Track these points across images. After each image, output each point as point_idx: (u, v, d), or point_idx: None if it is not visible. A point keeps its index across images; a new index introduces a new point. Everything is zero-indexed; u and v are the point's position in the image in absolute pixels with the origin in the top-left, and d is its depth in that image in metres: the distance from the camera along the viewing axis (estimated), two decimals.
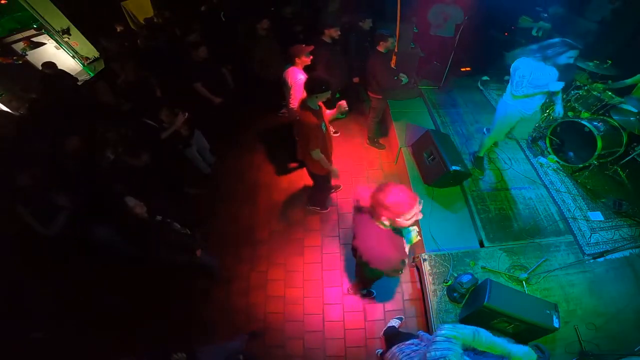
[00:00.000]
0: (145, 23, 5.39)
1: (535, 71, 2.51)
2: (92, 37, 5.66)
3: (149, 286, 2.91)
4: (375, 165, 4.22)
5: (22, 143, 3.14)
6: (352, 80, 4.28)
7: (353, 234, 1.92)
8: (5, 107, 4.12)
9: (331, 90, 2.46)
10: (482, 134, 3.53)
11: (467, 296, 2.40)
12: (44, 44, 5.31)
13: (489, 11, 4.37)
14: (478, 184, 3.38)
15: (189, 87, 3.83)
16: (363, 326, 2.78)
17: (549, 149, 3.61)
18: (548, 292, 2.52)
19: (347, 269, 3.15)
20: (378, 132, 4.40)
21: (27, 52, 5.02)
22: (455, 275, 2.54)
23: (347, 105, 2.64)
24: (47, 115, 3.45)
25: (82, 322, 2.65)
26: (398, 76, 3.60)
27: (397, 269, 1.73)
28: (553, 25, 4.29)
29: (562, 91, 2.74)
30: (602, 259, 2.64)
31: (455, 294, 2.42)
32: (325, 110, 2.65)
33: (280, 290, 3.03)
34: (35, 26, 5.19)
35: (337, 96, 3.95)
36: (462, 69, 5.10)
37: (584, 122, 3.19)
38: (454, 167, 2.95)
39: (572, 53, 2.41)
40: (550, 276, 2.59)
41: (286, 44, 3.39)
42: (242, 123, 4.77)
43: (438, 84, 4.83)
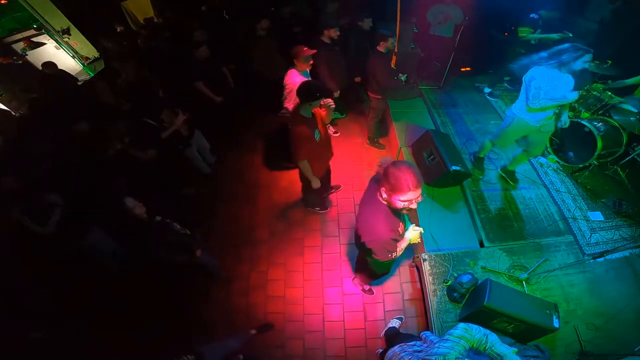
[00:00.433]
0: (145, 23, 5.39)
1: (552, 81, 2.38)
2: (92, 37, 5.66)
3: (149, 286, 2.90)
4: (375, 165, 4.21)
5: (22, 143, 3.14)
6: (352, 81, 4.28)
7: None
8: (5, 107, 4.12)
9: (326, 96, 2.42)
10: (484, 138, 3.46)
11: (467, 296, 2.40)
12: (44, 44, 5.31)
13: (489, 11, 4.36)
14: (478, 184, 3.38)
15: (189, 87, 3.83)
16: (363, 326, 2.78)
17: (549, 149, 3.61)
18: (548, 292, 2.52)
19: (347, 269, 3.15)
20: (378, 132, 4.40)
21: (27, 52, 5.02)
22: (455, 275, 2.54)
23: (347, 105, 2.62)
24: (48, 115, 3.46)
25: (82, 322, 2.65)
26: (398, 76, 3.59)
27: (388, 249, 1.70)
28: (548, 28, 4.26)
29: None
30: (602, 259, 2.63)
31: (455, 294, 2.42)
32: (321, 114, 2.62)
33: (280, 290, 3.03)
34: (35, 26, 5.20)
35: (337, 97, 3.95)
36: (462, 69, 5.10)
37: (584, 122, 3.20)
38: (454, 167, 2.95)
39: (587, 57, 2.30)
40: (550, 276, 2.59)
41: (286, 44, 3.39)
42: (242, 123, 4.77)
43: (438, 84, 4.83)
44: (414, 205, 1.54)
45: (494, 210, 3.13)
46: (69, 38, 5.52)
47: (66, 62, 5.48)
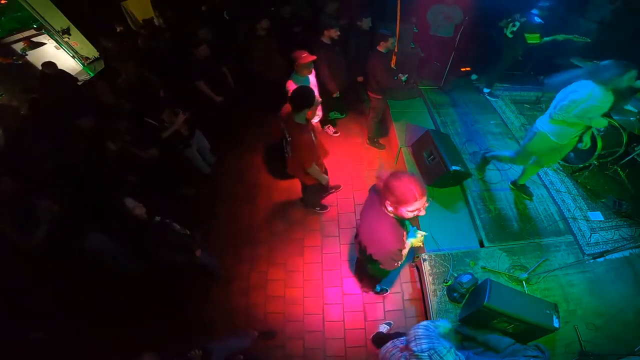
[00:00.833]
0: (145, 23, 5.38)
1: (591, 99, 2.19)
2: (92, 37, 5.65)
3: (149, 286, 2.90)
4: (375, 165, 4.22)
5: (22, 142, 3.14)
6: (352, 81, 4.28)
7: (360, 216, 1.89)
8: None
9: (315, 101, 2.39)
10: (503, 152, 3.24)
11: (467, 296, 2.40)
12: (44, 44, 5.30)
13: (489, 11, 4.36)
14: (478, 184, 3.38)
15: (189, 87, 3.83)
16: (363, 326, 2.78)
17: None
18: (548, 292, 2.52)
19: (347, 269, 3.15)
20: (378, 132, 4.39)
21: (27, 52, 5.01)
22: (455, 275, 2.54)
23: (347, 105, 2.62)
24: (48, 115, 3.45)
25: (82, 322, 2.65)
26: (398, 76, 3.59)
27: (394, 258, 1.72)
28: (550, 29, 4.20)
29: None
30: (602, 259, 2.63)
31: (455, 294, 2.42)
32: (309, 116, 2.58)
33: (280, 290, 3.03)
34: (35, 26, 5.18)
35: (337, 97, 3.95)
36: (462, 69, 5.11)
37: None
38: (454, 167, 2.95)
39: (632, 74, 2.09)
40: (550, 276, 2.59)
41: (286, 44, 3.37)
42: (242, 123, 4.77)
43: (438, 84, 4.84)
44: (422, 212, 1.55)
45: (494, 210, 3.13)
46: (69, 38, 5.50)
47: (66, 62, 5.47)
